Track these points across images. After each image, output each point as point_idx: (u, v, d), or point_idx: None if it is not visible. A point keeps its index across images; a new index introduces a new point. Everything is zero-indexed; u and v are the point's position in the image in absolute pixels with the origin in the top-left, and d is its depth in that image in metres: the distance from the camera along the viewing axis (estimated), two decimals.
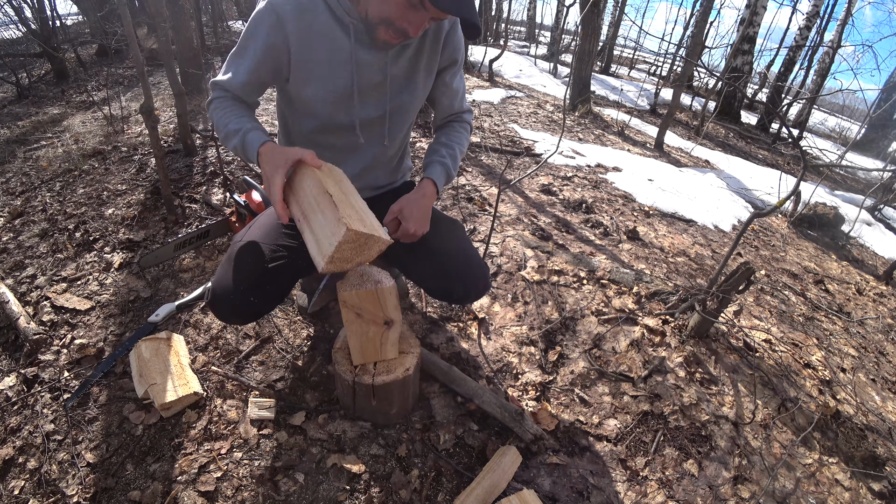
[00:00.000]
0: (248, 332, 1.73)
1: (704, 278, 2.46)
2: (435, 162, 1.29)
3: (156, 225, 2.29)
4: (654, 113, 7.17)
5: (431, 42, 1.21)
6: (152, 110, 2.15)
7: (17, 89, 4.79)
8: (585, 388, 1.68)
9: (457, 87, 1.35)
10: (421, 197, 1.21)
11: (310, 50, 1.12)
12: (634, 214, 3.06)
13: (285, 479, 1.28)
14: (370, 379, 1.29)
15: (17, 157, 3.12)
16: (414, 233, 1.17)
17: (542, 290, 2.06)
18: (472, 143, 3.81)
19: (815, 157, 7.02)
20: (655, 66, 13.20)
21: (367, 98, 1.21)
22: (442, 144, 1.35)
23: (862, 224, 4.18)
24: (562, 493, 1.35)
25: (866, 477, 1.55)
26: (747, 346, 1.93)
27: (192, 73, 4.06)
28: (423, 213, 1.20)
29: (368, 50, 1.14)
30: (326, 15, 1.10)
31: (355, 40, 1.12)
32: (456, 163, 1.34)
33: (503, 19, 12.42)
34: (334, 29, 1.11)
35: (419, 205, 1.19)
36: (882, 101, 10.02)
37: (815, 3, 9.09)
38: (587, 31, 5.65)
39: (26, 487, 1.24)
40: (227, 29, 7.84)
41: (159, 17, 2.71)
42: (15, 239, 2.21)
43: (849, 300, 2.81)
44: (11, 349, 1.64)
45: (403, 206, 1.18)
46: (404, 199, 1.20)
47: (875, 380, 2.07)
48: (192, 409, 1.43)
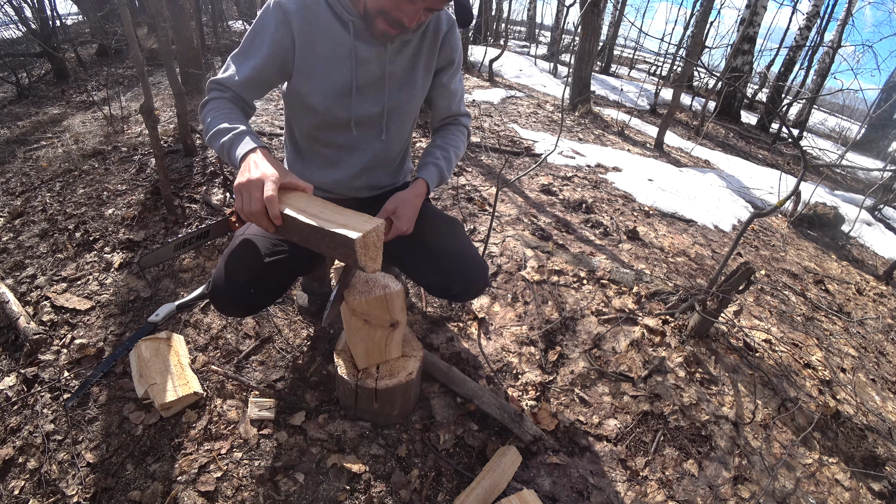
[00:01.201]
0: (248, 332, 1.73)
1: (704, 278, 2.46)
2: (429, 163, 1.30)
3: (156, 225, 2.29)
4: (654, 113, 7.17)
5: (430, 41, 1.23)
6: (152, 110, 2.15)
7: (17, 89, 4.79)
8: (585, 388, 1.68)
9: (454, 88, 1.35)
10: (415, 196, 1.22)
11: (312, 46, 1.15)
12: (634, 214, 3.06)
13: (285, 479, 1.28)
14: (373, 383, 1.29)
15: (17, 157, 3.12)
16: (405, 231, 1.20)
17: (542, 290, 2.06)
18: (472, 143, 3.81)
19: (815, 157, 7.03)
20: (655, 66, 13.20)
21: (365, 94, 1.22)
22: (437, 147, 1.35)
23: (862, 224, 4.18)
24: (562, 493, 1.35)
25: (866, 477, 1.55)
26: (747, 346, 1.93)
27: (192, 73, 4.06)
28: (415, 212, 1.22)
29: (368, 46, 1.17)
30: (327, 12, 1.14)
31: (355, 36, 1.15)
32: (451, 165, 1.35)
33: (503, 19, 12.41)
34: (334, 25, 1.14)
35: (412, 204, 1.21)
36: (882, 101, 10.02)
37: (815, 3, 9.09)
38: (587, 31, 5.64)
39: (26, 487, 1.24)
40: (227, 29, 7.84)
41: (159, 17, 2.71)
42: (15, 239, 2.21)
43: (849, 300, 2.81)
44: (11, 349, 1.64)
45: (397, 205, 1.19)
46: (397, 199, 1.20)
47: (875, 380, 2.07)
48: (192, 409, 1.43)
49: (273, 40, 1.13)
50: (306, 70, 1.17)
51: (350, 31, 1.14)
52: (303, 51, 1.15)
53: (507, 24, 12.71)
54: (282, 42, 1.14)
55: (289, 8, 1.12)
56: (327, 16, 1.14)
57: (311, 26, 1.13)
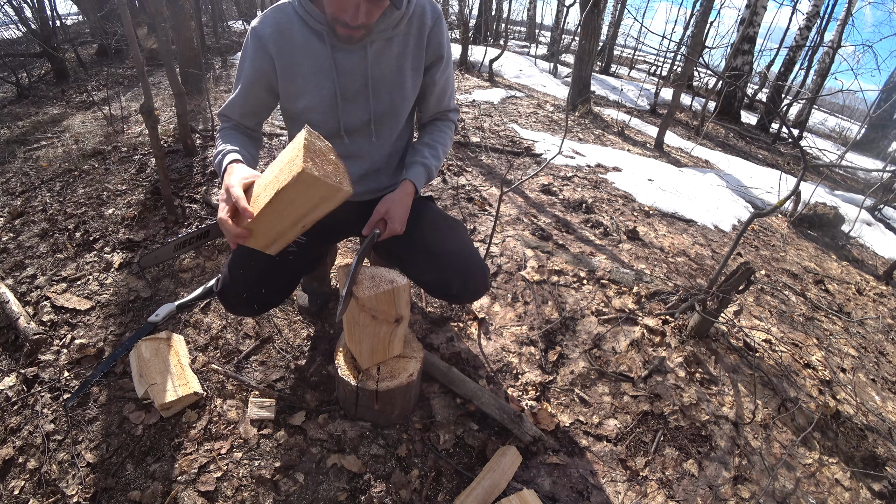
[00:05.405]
0: (248, 332, 1.73)
1: (704, 278, 2.46)
2: (417, 163, 1.30)
3: (156, 225, 2.29)
4: (654, 113, 7.17)
5: (416, 39, 1.22)
6: (152, 110, 2.15)
7: (17, 89, 4.79)
8: (585, 388, 1.68)
9: (444, 84, 1.34)
10: (404, 196, 1.23)
11: (295, 64, 1.17)
12: (634, 214, 3.06)
13: (285, 479, 1.28)
14: (374, 384, 1.29)
15: (17, 157, 3.12)
16: (398, 231, 1.21)
17: (542, 290, 2.06)
18: (472, 143, 3.81)
19: (815, 157, 7.03)
20: (655, 66, 13.20)
21: (353, 102, 1.22)
22: (425, 144, 1.35)
23: (862, 224, 4.18)
24: (562, 493, 1.35)
25: (866, 477, 1.55)
26: (747, 346, 1.93)
27: (192, 73, 4.06)
28: (406, 211, 1.23)
29: (348, 54, 1.17)
30: (301, 28, 1.15)
31: (331, 46, 1.15)
32: (438, 163, 1.35)
33: (503, 19, 12.41)
34: (311, 39, 1.15)
35: (402, 203, 1.22)
36: (882, 101, 10.03)
37: (815, 3, 9.08)
38: (587, 31, 5.64)
39: (26, 487, 1.24)
40: (227, 29, 7.84)
41: (159, 17, 2.71)
42: (15, 239, 2.21)
43: (849, 300, 2.81)
44: (11, 349, 1.64)
45: (389, 206, 1.20)
46: (388, 200, 1.21)
47: (875, 380, 2.07)
48: (192, 409, 1.43)
49: (254, 68, 1.18)
50: (293, 89, 1.20)
51: (325, 41, 1.15)
52: (285, 72, 1.18)
53: (507, 24, 12.72)
54: (262, 68, 1.17)
55: (263, 33, 1.15)
56: (302, 31, 1.15)
57: (288, 45, 1.15)
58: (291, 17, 1.15)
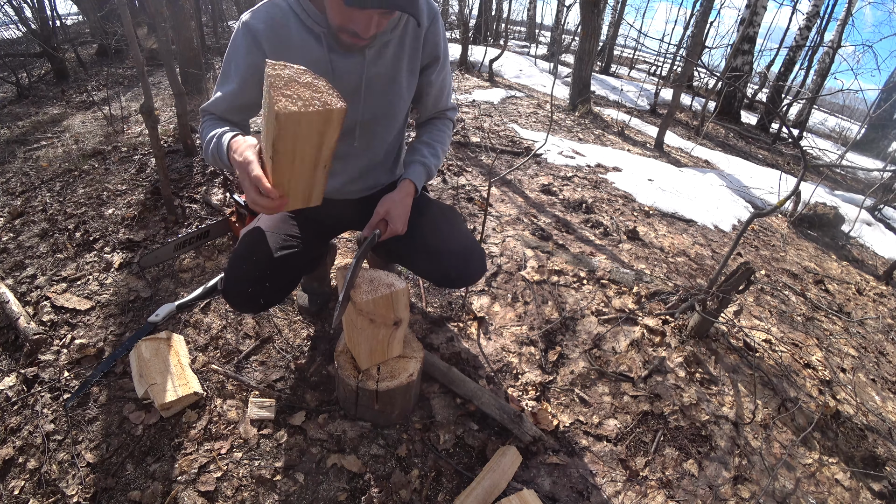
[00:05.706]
0: (247, 332, 1.73)
1: (704, 278, 2.46)
2: (416, 161, 1.29)
3: (156, 225, 2.29)
4: (654, 113, 7.17)
5: (412, 41, 1.20)
6: (152, 110, 2.15)
7: (17, 89, 4.79)
8: (585, 388, 1.68)
9: (441, 84, 1.33)
10: (405, 196, 1.22)
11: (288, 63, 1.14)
12: (634, 214, 3.06)
13: (285, 479, 1.28)
14: (374, 384, 1.29)
15: (17, 157, 3.12)
16: (400, 232, 1.21)
17: (542, 290, 2.06)
18: (472, 143, 3.81)
19: (815, 157, 7.03)
20: (655, 66, 13.19)
21: (349, 104, 1.21)
22: (424, 143, 1.34)
23: (862, 224, 4.18)
24: (562, 493, 1.35)
25: (866, 477, 1.55)
26: (747, 346, 1.93)
27: (192, 73, 4.06)
28: (406, 211, 1.22)
29: (343, 56, 1.14)
30: (298, 26, 1.11)
31: (328, 48, 1.12)
32: (438, 161, 1.34)
33: (503, 19, 12.41)
34: (307, 40, 1.12)
35: (403, 204, 1.21)
36: (882, 101, 10.02)
37: (815, 3, 9.08)
38: (587, 31, 5.64)
39: (26, 487, 1.24)
40: (226, 29, 7.84)
41: (159, 17, 2.71)
42: (15, 239, 2.21)
43: (849, 300, 2.81)
44: (11, 349, 1.64)
45: (389, 207, 1.19)
46: (388, 201, 1.20)
47: (875, 380, 2.07)
48: (192, 409, 1.43)
49: (246, 65, 1.12)
50: None
51: (323, 43, 1.11)
52: None
53: (507, 24, 12.71)
54: (255, 64, 1.11)
55: (257, 28, 1.09)
56: (298, 30, 1.11)
57: (283, 43, 1.11)
58: (287, 14, 1.11)
